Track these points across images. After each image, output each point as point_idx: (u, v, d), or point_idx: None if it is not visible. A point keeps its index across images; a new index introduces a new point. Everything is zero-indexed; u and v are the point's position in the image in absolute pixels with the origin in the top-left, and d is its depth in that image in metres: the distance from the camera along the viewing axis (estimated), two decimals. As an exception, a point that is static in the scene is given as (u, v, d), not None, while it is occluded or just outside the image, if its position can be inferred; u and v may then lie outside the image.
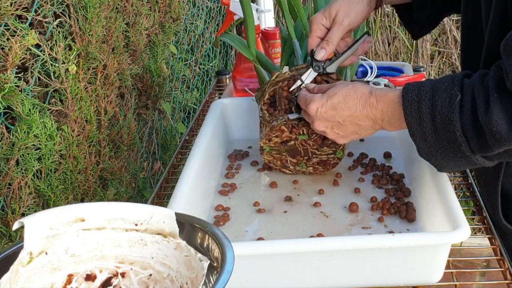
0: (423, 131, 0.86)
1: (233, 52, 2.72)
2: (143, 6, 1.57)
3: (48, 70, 1.16)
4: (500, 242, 0.99)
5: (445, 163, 0.89)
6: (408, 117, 0.87)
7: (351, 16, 1.07)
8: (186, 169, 1.02)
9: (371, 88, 0.95)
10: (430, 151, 0.88)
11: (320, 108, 0.97)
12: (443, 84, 0.86)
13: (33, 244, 0.66)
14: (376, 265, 0.86)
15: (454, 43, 2.81)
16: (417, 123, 0.86)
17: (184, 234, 0.69)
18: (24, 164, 1.09)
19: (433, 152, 0.88)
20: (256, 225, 1.02)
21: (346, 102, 0.95)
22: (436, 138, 0.86)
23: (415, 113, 0.86)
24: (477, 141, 0.83)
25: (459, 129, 0.83)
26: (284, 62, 1.33)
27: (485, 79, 0.83)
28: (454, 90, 0.84)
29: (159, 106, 1.80)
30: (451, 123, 0.83)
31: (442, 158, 0.88)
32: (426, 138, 0.87)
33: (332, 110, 0.96)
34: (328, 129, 1.00)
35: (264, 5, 2.49)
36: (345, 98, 0.95)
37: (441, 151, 0.87)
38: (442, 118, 0.84)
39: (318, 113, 0.97)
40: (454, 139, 0.84)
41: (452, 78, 0.86)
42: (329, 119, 0.97)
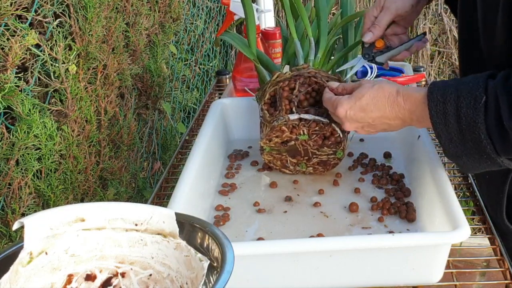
0: (448, 132, 0.86)
1: (233, 52, 2.72)
2: (143, 6, 1.57)
3: (48, 70, 1.16)
4: (500, 242, 0.99)
5: (471, 164, 0.89)
6: (434, 118, 0.87)
7: (397, 3, 1.09)
8: (186, 169, 1.02)
9: (398, 87, 0.95)
10: (456, 152, 0.88)
11: (349, 111, 0.97)
12: (467, 85, 0.85)
13: (33, 244, 0.66)
14: (376, 265, 0.86)
15: (454, 43, 2.81)
16: (442, 124, 0.86)
17: (184, 234, 0.69)
18: (24, 164, 1.08)
19: (459, 153, 0.88)
20: (256, 225, 1.02)
21: (375, 103, 0.94)
22: (462, 139, 0.86)
23: (440, 115, 0.86)
24: (502, 143, 0.83)
25: (484, 132, 0.83)
26: (285, 61, 1.33)
27: (508, 81, 0.83)
28: (479, 92, 0.83)
29: (159, 106, 1.80)
30: (476, 125, 0.83)
31: (467, 159, 0.88)
32: (452, 139, 0.87)
33: (362, 112, 0.96)
34: (359, 129, 1.00)
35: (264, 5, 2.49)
36: (374, 99, 0.95)
37: (467, 152, 0.87)
38: (467, 120, 0.84)
39: (348, 115, 0.97)
40: (479, 141, 0.84)
41: (476, 79, 0.85)
42: (359, 120, 0.97)
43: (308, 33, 1.21)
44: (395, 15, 1.10)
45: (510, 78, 0.83)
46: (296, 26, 1.29)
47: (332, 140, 1.09)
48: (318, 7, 1.21)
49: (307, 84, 1.09)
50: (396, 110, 0.93)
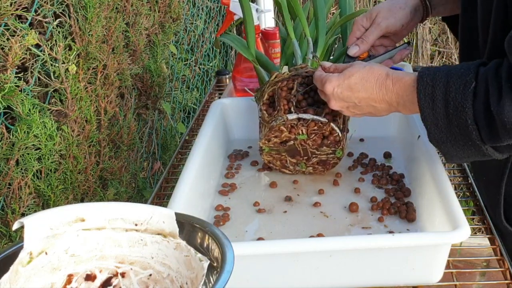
0: (435, 116, 0.86)
1: (233, 52, 2.72)
2: (143, 6, 1.57)
3: (48, 70, 1.16)
4: (500, 242, 0.99)
5: (454, 151, 0.88)
6: (422, 101, 0.86)
7: (389, 20, 1.10)
8: (186, 169, 1.02)
9: (388, 70, 0.94)
10: (441, 137, 0.88)
11: (337, 88, 0.96)
12: (458, 70, 0.85)
13: (33, 244, 0.66)
14: (376, 265, 0.86)
15: (454, 43, 2.81)
16: (429, 107, 0.86)
17: (184, 234, 0.69)
18: (24, 164, 1.08)
19: (443, 138, 0.87)
20: (256, 225, 1.02)
21: (363, 83, 0.94)
22: (448, 124, 0.85)
23: (428, 98, 0.86)
24: (488, 130, 0.83)
25: (471, 117, 0.82)
26: (284, 62, 1.33)
27: (499, 69, 0.83)
28: (469, 77, 0.83)
29: (159, 106, 1.80)
30: (463, 110, 0.83)
31: (452, 145, 0.87)
32: (438, 124, 0.86)
33: (349, 91, 0.95)
34: (344, 108, 0.99)
35: (264, 5, 2.49)
36: (362, 79, 0.94)
37: (452, 138, 0.86)
38: (455, 105, 0.83)
39: (335, 92, 0.97)
40: (465, 126, 0.83)
41: (468, 65, 0.85)
42: (345, 99, 0.97)
43: (306, 33, 1.21)
44: (385, 32, 1.12)
45: (502, 66, 0.83)
46: (294, 26, 1.29)
47: (331, 140, 1.09)
48: (316, 7, 1.21)
49: (305, 84, 1.09)
50: (384, 92, 0.93)
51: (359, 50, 1.11)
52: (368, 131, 1.26)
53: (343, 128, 1.09)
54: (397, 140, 1.24)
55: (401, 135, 1.23)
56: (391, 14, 1.11)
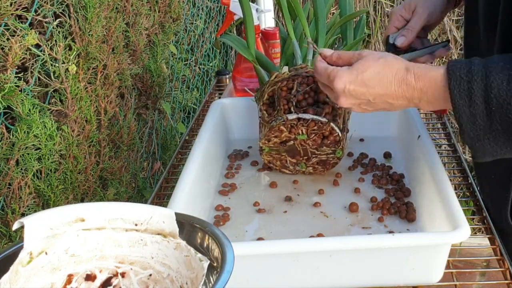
0: (472, 113, 0.79)
1: (233, 52, 2.72)
2: (143, 6, 1.57)
3: (48, 70, 1.16)
4: (501, 242, 0.99)
5: (491, 148, 0.82)
6: (456, 98, 0.79)
7: (430, 9, 1.09)
8: (186, 169, 1.02)
9: (406, 64, 0.86)
10: (477, 135, 0.81)
11: (349, 85, 0.86)
12: (497, 64, 0.79)
13: (33, 244, 0.66)
14: (376, 265, 0.86)
15: (454, 43, 2.81)
16: (466, 105, 0.79)
17: (184, 234, 0.69)
18: (24, 164, 1.08)
19: (481, 136, 0.81)
20: (256, 225, 1.02)
21: (380, 79, 0.85)
22: (488, 121, 0.79)
23: (464, 94, 0.79)
24: None
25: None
26: (284, 62, 1.32)
27: None
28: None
29: (159, 106, 1.80)
30: (510, 107, 0.76)
31: (489, 143, 0.81)
32: (476, 122, 0.79)
33: (363, 87, 0.86)
34: (355, 106, 0.90)
35: (264, 5, 2.49)
36: (379, 74, 0.85)
37: (492, 135, 0.80)
38: (499, 102, 0.77)
39: (347, 90, 0.87)
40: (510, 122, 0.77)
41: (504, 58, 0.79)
42: (358, 96, 0.87)
43: (306, 33, 1.21)
44: (427, 21, 1.11)
45: None
46: (294, 27, 1.29)
47: (331, 139, 1.09)
48: (316, 7, 1.21)
49: (305, 83, 1.09)
50: (404, 89, 0.84)
51: (406, 40, 1.08)
52: (368, 131, 1.26)
53: (343, 128, 1.09)
54: (397, 140, 1.24)
55: (401, 135, 1.23)
56: (430, 2, 1.11)
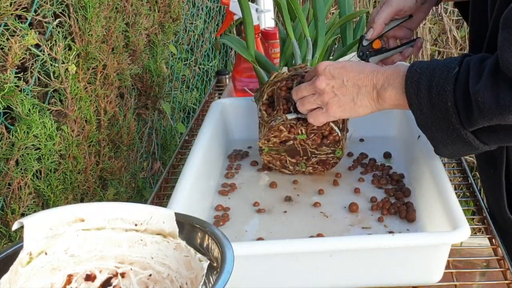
0: (419, 101, 0.89)
1: (233, 52, 2.72)
2: (142, 6, 1.57)
3: (47, 70, 1.15)
4: (500, 242, 0.99)
5: (439, 136, 0.91)
6: (408, 87, 0.90)
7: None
8: (186, 169, 1.02)
9: None
10: (426, 123, 0.91)
11: (330, 66, 0.99)
12: (445, 60, 0.90)
13: (33, 244, 0.66)
14: (376, 265, 0.86)
15: (454, 43, 2.81)
16: (414, 93, 0.89)
17: (184, 234, 0.69)
18: (23, 164, 1.08)
19: (429, 124, 0.90)
20: (256, 225, 1.02)
21: (358, 65, 0.98)
22: (431, 109, 0.88)
23: (414, 84, 0.89)
24: (465, 113, 0.85)
25: (452, 100, 0.86)
26: (283, 62, 1.32)
27: (486, 60, 0.85)
28: (453, 64, 0.87)
29: (159, 106, 1.80)
30: (444, 93, 0.86)
31: (436, 130, 0.90)
32: (422, 109, 0.89)
33: (341, 68, 0.98)
34: (329, 87, 0.99)
35: (263, 5, 2.49)
36: (358, 64, 0.99)
37: (436, 123, 0.89)
38: (438, 89, 0.87)
39: (327, 69, 0.98)
40: (446, 109, 0.86)
41: (454, 57, 0.90)
42: (335, 75, 0.98)
43: (306, 33, 1.21)
44: (396, 10, 1.09)
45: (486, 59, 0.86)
46: (294, 27, 1.29)
47: (331, 139, 1.09)
48: (316, 7, 1.21)
49: (305, 84, 1.09)
50: (374, 74, 0.95)
51: (374, 31, 1.10)
52: (368, 131, 1.26)
53: (342, 128, 1.09)
54: (397, 140, 1.24)
55: (401, 135, 1.23)
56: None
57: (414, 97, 0.90)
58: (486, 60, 0.85)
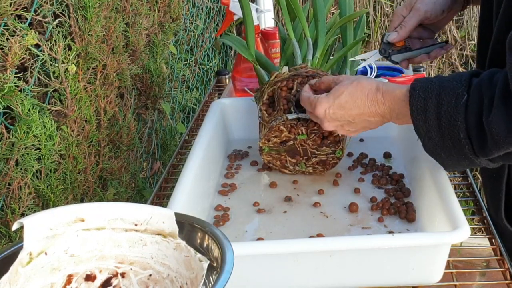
0: (428, 129, 0.86)
1: (233, 52, 2.72)
2: (142, 6, 1.57)
3: (47, 70, 1.15)
4: (500, 242, 0.99)
5: (450, 162, 0.89)
6: (414, 114, 0.86)
7: (428, 5, 1.08)
8: (186, 169, 1.02)
9: (378, 83, 0.93)
10: (435, 149, 0.88)
11: (328, 110, 0.96)
12: (450, 82, 0.84)
13: (33, 245, 0.66)
14: (376, 265, 0.86)
15: (454, 43, 2.81)
16: (422, 120, 0.86)
17: (184, 234, 0.69)
18: (23, 164, 1.08)
19: (438, 150, 0.87)
20: (256, 225, 1.02)
21: (354, 100, 0.93)
22: (441, 137, 0.85)
23: (420, 111, 0.85)
24: (479, 143, 0.82)
25: (464, 131, 0.82)
26: (283, 62, 1.32)
27: (494, 77, 0.82)
28: (461, 90, 0.82)
29: (159, 106, 1.80)
30: (456, 124, 0.82)
31: (446, 157, 0.88)
32: (431, 136, 0.86)
33: (341, 110, 0.95)
34: (338, 128, 0.99)
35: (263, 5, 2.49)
36: (353, 96, 0.93)
37: (445, 150, 0.86)
38: (447, 118, 0.83)
39: (327, 114, 0.96)
40: (458, 139, 0.83)
41: (460, 77, 0.85)
42: (338, 119, 0.96)
43: (306, 33, 1.21)
44: (423, 18, 1.10)
45: (495, 76, 0.82)
46: (294, 27, 1.29)
47: (331, 139, 1.09)
48: (316, 7, 1.21)
49: (305, 83, 1.09)
50: (376, 107, 0.92)
51: (398, 35, 1.09)
52: (368, 131, 1.25)
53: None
54: (397, 140, 1.24)
55: (401, 135, 1.23)
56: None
57: (422, 124, 0.86)
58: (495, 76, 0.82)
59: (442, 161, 0.90)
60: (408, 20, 1.09)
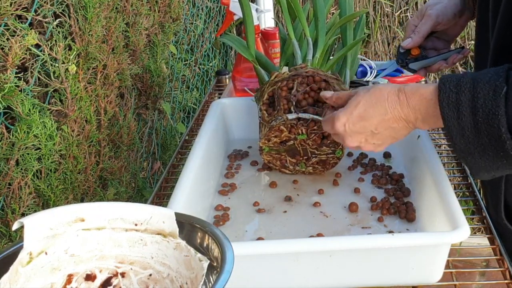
0: (461, 126, 0.79)
1: (233, 52, 2.72)
2: (143, 6, 1.57)
3: (48, 70, 1.16)
4: (500, 242, 0.99)
5: (483, 163, 0.81)
6: (445, 110, 0.79)
7: (438, 8, 1.08)
8: (186, 169, 1.02)
9: (398, 86, 0.87)
10: (468, 148, 0.80)
11: (347, 124, 0.89)
12: (485, 75, 0.78)
13: (33, 244, 0.66)
14: (376, 265, 0.86)
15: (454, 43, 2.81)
16: (454, 117, 0.79)
17: (184, 234, 0.69)
18: (24, 164, 1.08)
19: (471, 149, 0.80)
20: (256, 225, 1.02)
21: (374, 107, 0.87)
22: (476, 134, 0.78)
23: (452, 106, 0.79)
24: None
25: (505, 125, 0.75)
26: (283, 62, 1.33)
27: None
28: (499, 82, 0.76)
29: (159, 106, 1.80)
30: (495, 117, 0.76)
31: (480, 157, 0.80)
32: (464, 134, 0.79)
33: (361, 120, 0.88)
34: (363, 143, 0.91)
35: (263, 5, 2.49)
36: (371, 103, 0.87)
37: (480, 149, 0.79)
38: (485, 112, 0.76)
39: (347, 128, 0.89)
40: (498, 135, 0.76)
41: (495, 70, 0.79)
42: (360, 131, 0.89)
43: (306, 33, 1.21)
44: (435, 23, 1.09)
45: None
46: (294, 27, 1.29)
47: (331, 139, 1.09)
48: (316, 7, 1.21)
49: (305, 83, 1.09)
50: (398, 109, 0.85)
51: (412, 41, 1.09)
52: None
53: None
54: (397, 140, 1.24)
55: (401, 135, 1.23)
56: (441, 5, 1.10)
57: (454, 121, 0.79)
58: None
59: (474, 162, 0.82)
60: (421, 26, 1.09)
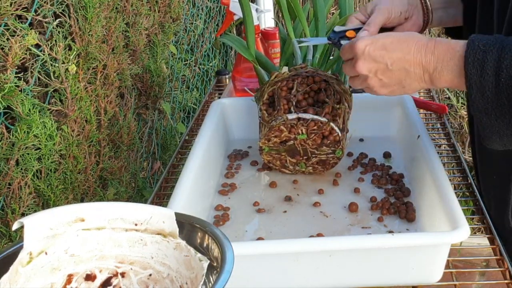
0: (482, 84, 0.79)
1: (233, 52, 2.72)
2: (143, 6, 1.57)
3: (48, 70, 1.16)
4: (500, 242, 0.99)
5: (498, 125, 0.81)
6: (469, 66, 0.79)
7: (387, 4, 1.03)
8: (186, 169, 1.02)
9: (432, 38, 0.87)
10: (486, 108, 0.80)
11: (369, 46, 0.88)
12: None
13: (33, 244, 0.66)
14: (376, 265, 0.86)
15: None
16: (478, 74, 0.79)
17: (184, 234, 0.69)
18: (24, 164, 1.09)
19: (489, 109, 0.80)
20: (256, 225, 1.02)
21: (401, 43, 0.86)
22: (496, 94, 0.78)
23: (477, 63, 0.79)
24: None
25: None
26: (283, 62, 1.33)
27: None
28: None
29: (159, 106, 1.80)
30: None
31: (496, 118, 0.80)
32: (485, 93, 0.79)
33: (382, 49, 0.87)
34: (372, 73, 0.89)
35: (263, 5, 2.49)
36: (400, 40, 0.87)
37: (498, 110, 0.79)
38: (509, 73, 0.77)
39: (366, 51, 0.88)
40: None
41: None
42: (377, 59, 0.88)
43: (306, 33, 1.21)
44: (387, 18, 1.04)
45: None
46: (294, 27, 1.30)
47: (331, 139, 1.09)
48: (316, 7, 1.21)
49: (305, 83, 1.09)
50: (422, 54, 0.85)
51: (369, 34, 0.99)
52: (368, 131, 1.26)
53: (342, 128, 1.09)
54: (397, 140, 1.24)
55: (401, 135, 1.23)
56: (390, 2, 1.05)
57: (476, 78, 0.79)
58: None
59: (489, 124, 0.82)
60: (373, 18, 1.03)
